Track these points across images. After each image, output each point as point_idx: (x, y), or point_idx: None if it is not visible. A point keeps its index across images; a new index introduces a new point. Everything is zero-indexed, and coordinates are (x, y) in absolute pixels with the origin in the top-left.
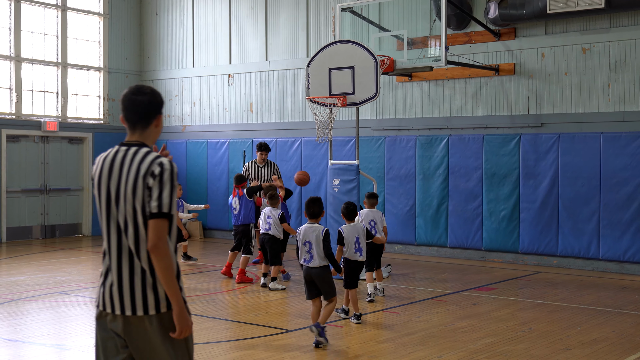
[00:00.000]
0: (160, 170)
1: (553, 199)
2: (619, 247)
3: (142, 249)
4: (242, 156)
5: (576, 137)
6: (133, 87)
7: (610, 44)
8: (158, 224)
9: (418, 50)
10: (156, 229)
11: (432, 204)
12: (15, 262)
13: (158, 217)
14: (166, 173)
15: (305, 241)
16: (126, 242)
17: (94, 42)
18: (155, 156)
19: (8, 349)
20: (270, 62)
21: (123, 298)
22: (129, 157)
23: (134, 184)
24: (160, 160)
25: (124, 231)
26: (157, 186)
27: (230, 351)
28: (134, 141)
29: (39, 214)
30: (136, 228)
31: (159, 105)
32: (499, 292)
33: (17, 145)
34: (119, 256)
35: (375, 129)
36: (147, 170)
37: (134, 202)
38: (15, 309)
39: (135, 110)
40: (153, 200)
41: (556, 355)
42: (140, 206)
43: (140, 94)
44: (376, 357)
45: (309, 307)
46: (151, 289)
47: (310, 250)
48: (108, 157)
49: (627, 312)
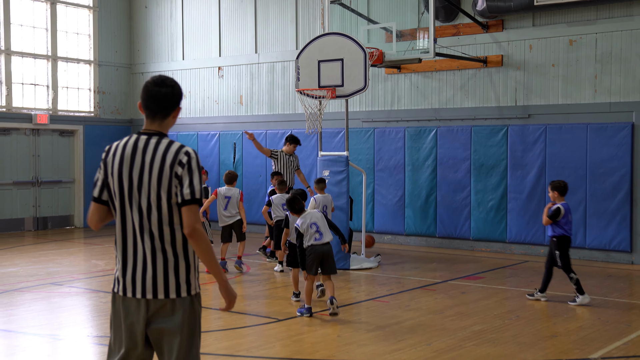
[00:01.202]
0: (188, 159)
1: (540, 189)
2: (604, 236)
3: (165, 233)
4: (233, 148)
5: (563, 128)
6: (156, 78)
7: (597, 36)
8: (192, 209)
9: (407, 43)
10: (191, 214)
11: (421, 195)
12: (7, 253)
13: (192, 204)
14: (193, 161)
15: (310, 224)
16: (148, 226)
17: (83, 35)
18: (180, 145)
19: (2, 339)
20: (259, 54)
21: (146, 281)
22: (152, 146)
23: (159, 172)
24: (186, 149)
25: (146, 216)
26: (187, 174)
27: (222, 340)
28: (154, 130)
29: (30, 206)
30: (160, 213)
31: (179, 97)
32: (487, 281)
33: (8, 138)
34: (141, 240)
35: (365, 120)
36: (174, 159)
37: (159, 189)
38: (8, 300)
39: (157, 101)
40: (185, 187)
41: (543, 342)
42: (165, 193)
43: (164, 86)
44: (366, 344)
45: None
46: (173, 272)
47: (319, 229)
48: (128, 145)
49: (613, 300)
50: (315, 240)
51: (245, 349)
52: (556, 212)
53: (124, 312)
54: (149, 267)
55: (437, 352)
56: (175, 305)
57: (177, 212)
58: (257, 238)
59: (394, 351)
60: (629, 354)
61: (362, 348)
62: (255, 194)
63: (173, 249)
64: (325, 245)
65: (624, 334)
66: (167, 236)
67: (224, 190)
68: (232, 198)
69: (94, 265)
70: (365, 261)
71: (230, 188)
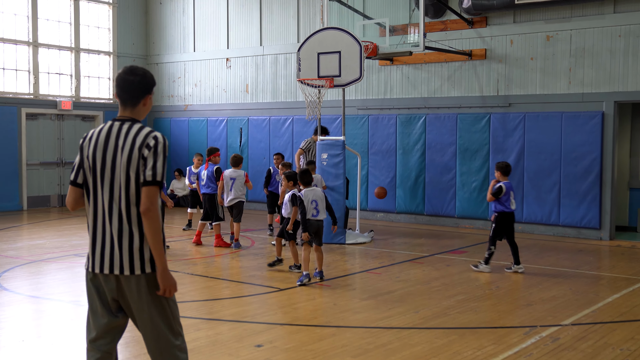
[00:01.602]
0: (155, 143)
1: (519, 172)
2: (576, 215)
3: (132, 213)
4: (239, 133)
5: (540, 116)
6: (127, 68)
7: (572, 32)
8: (151, 190)
9: (399, 37)
10: (149, 195)
11: (410, 176)
12: (35, 227)
13: (152, 185)
14: (160, 145)
15: (312, 200)
16: (117, 206)
17: (104, 29)
18: (150, 130)
19: (30, 304)
20: (264, 47)
21: (113, 258)
22: (124, 130)
23: (129, 153)
24: (155, 134)
25: (116, 197)
26: (152, 157)
27: (230, 307)
28: (126, 117)
29: (55, 184)
30: (127, 193)
31: (148, 86)
32: (470, 255)
33: (35, 122)
34: (109, 220)
35: (360, 108)
36: (142, 142)
37: (127, 170)
38: (36, 269)
39: (126, 89)
40: (148, 169)
41: (519, 310)
42: (134, 174)
43: (132, 74)
44: (360, 312)
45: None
46: (138, 250)
47: (317, 207)
48: (103, 130)
49: (583, 272)
50: (313, 216)
51: (250, 315)
52: (498, 190)
53: (95, 288)
54: (116, 245)
55: (424, 319)
56: (140, 281)
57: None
58: (259, 215)
59: (385, 318)
60: (596, 320)
61: (356, 315)
62: (259, 175)
63: (139, 229)
64: (319, 222)
65: (592, 303)
66: (134, 216)
67: (229, 172)
68: (237, 180)
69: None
70: (359, 236)
71: (236, 170)
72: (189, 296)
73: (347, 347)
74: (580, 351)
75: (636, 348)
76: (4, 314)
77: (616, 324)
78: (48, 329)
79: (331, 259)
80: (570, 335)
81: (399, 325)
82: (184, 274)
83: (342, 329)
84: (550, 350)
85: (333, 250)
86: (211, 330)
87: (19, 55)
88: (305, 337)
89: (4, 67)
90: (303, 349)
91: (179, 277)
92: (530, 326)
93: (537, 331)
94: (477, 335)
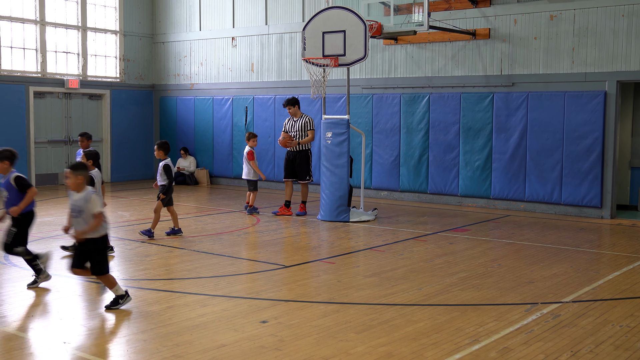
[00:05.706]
0: None
1: (522, 151)
2: (578, 193)
3: None
4: (245, 111)
5: (543, 96)
6: None
7: (575, 12)
8: None
9: (403, 16)
10: None
11: (414, 155)
12: (43, 205)
13: None
14: None
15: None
16: None
17: (110, 8)
18: None
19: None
20: (269, 26)
21: None
22: None
23: None
24: None
25: None
26: None
27: (236, 284)
28: None
29: (63, 162)
30: None
31: None
32: (472, 233)
33: (43, 101)
34: None
35: (364, 87)
36: None
37: None
38: (45, 246)
39: None
40: None
41: (521, 287)
42: None
43: None
44: (364, 289)
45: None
46: None
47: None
48: None
49: (584, 250)
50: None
51: (255, 291)
52: None
53: None
54: None
55: (427, 296)
56: None
57: None
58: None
59: (388, 295)
60: (596, 297)
61: (360, 292)
62: (264, 153)
63: None
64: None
65: (593, 280)
66: None
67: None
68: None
69: (119, 216)
70: (363, 214)
71: (246, 146)
72: (195, 273)
73: (351, 323)
74: (580, 327)
75: (636, 324)
76: (14, 290)
77: (616, 301)
78: (57, 304)
79: (335, 237)
80: (570, 312)
81: (402, 302)
82: (190, 250)
83: (346, 305)
84: (551, 327)
85: (337, 228)
86: (217, 307)
87: (27, 34)
88: (309, 313)
89: (12, 46)
90: (307, 325)
91: (185, 254)
92: (532, 303)
93: (538, 308)
94: (479, 312)
